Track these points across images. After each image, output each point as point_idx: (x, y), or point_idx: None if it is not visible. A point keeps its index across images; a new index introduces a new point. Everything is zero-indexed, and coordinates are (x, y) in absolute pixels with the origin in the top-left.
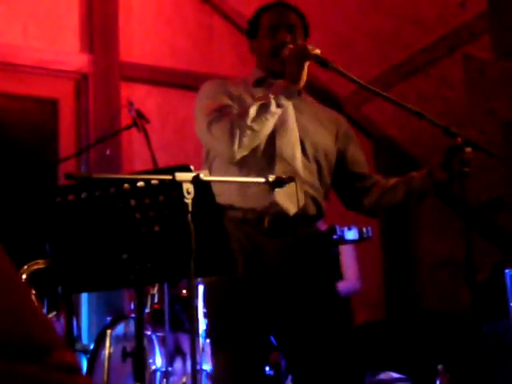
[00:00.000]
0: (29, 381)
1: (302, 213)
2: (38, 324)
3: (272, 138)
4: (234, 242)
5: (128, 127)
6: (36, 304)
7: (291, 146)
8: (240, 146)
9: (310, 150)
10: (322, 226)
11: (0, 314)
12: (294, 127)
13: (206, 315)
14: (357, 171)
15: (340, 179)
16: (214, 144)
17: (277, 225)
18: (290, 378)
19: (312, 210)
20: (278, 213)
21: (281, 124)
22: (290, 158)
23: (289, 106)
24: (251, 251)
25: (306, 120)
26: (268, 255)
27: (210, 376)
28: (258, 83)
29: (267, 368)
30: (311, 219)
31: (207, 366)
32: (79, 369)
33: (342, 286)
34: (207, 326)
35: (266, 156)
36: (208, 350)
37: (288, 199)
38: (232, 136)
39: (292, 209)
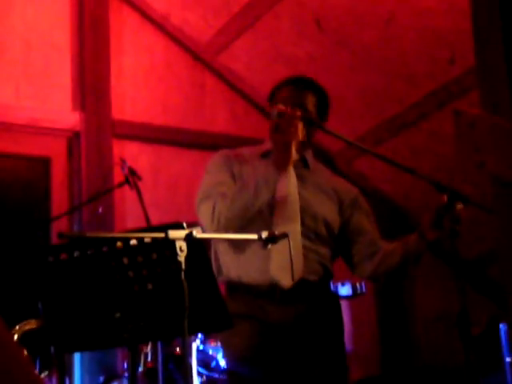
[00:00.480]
0: None
1: (311, 278)
2: (27, 380)
3: (271, 208)
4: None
5: (120, 185)
6: (28, 363)
7: (289, 222)
8: (218, 227)
9: (308, 222)
10: None
11: None
12: (295, 199)
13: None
14: (360, 239)
15: (343, 246)
16: (200, 219)
17: (288, 294)
18: None
19: (320, 272)
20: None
21: (281, 198)
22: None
23: (291, 177)
24: (264, 321)
25: (310, 191)
26: (279, 323)
27: None
28: (264, 156)
29: None
30: (321, 283)
31: None
32: None
33: None
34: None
35: (264, 226)
36: None
37: (282, 271)
38: (212, 218)
39: (287, 281)
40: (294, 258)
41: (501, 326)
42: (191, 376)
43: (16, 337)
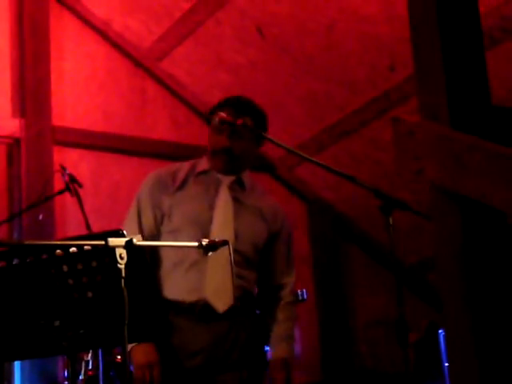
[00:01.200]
0: None
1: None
2: None
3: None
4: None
5: (61, 192)
6: None
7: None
8: None
9: (239, 246)
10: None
11: None
12: (229, 224)
13: None
14: (269, 267)
15: (261, 273)
16: None
17: (207, 314)
18: None
19: (243, 297)
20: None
21: (216, 225)
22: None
23: (227, 200)
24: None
25: (243, 213)
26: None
27: None
28: (200, 174)
29: None
30: (243, 309)
31: None
32: None
33: None
34: None
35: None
36: None
37: (218, 296)
38: None
39: (221, 306)
40: (224, 282)
41: (440, 331)
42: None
43: None
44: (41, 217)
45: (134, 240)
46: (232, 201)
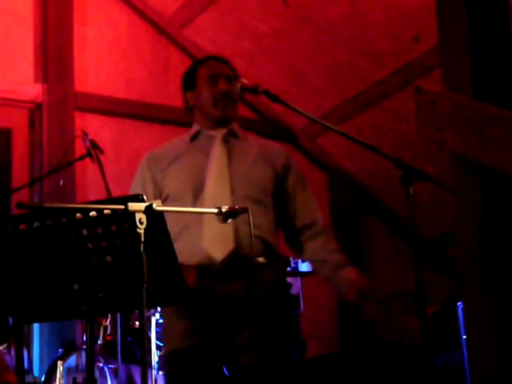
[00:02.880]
0: None
1: (249, 255)
2: None
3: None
4: None
5: (82, 157)
6: None
7: (218, 197)
8: None
9: (242, 191)
10: None
11: None
12: (224, 173)
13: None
14: (295, 205)
15: (282, 216)
16: None
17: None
18: None
19: (261, 249)
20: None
21: (210, 177)
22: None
23: (221, 155)
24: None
25: (241, 160)
26: (221, 299)
27: None
28: (193, 138)
29: None
30: (265, 261)
31: None
32: None
33: None
34: (160, 358)
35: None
36: (160, 382)
37: (214, 244)
38: None
39: (219, 254)
40: (222, 230)
41: (458, 304)
42: (150, 349)
43: None
44: (61, 182)
45: (154, 205)
46: (226, 152)
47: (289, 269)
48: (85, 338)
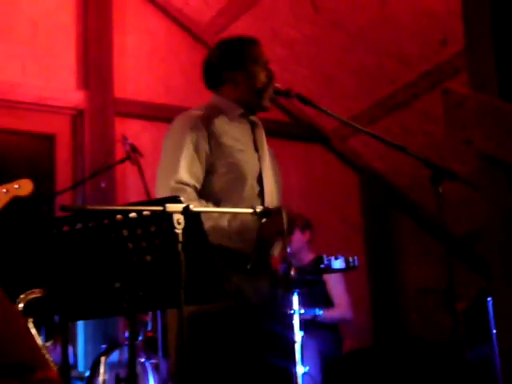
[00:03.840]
0: None
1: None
2: (23, 345)
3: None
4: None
5: (122, 161)
6: (23, 327)
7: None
8: None
9: (275, 191)
10: (310, 255)
11: None
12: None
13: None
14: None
15: None
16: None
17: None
18: None
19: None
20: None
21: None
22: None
23: (267, 150)
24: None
25: (271, 162)
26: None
27: None
28: (243, 115)
29: None
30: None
31: None
32: None
33: (332, 313)
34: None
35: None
36: None
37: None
38: None
39: (276, 252)
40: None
41: (489, 299)
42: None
43: (21, 305)
44: (103, 185)
45: (191, 206)
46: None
47: (322, 266)
48: (127, 335)
